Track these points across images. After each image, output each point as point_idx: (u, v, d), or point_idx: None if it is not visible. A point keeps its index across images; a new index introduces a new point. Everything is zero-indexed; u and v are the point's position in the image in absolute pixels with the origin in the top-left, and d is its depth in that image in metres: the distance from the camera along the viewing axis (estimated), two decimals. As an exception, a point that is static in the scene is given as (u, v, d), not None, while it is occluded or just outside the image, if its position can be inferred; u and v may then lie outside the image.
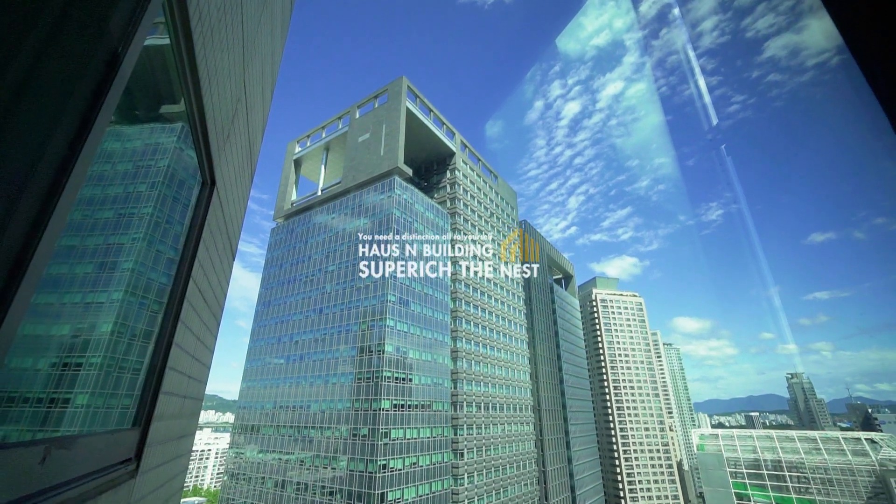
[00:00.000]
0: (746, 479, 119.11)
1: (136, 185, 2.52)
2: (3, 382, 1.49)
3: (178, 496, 4.27)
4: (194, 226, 3.24)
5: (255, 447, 57.96)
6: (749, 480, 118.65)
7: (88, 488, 1.90)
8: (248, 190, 5.49)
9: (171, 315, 3.00)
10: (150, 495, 3.05)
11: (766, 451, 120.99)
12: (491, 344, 69.45)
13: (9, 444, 1.42)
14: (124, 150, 2.31)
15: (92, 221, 2.18)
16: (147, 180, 2.64)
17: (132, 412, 2.68)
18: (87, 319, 2.35)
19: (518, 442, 68.48)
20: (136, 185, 2.52)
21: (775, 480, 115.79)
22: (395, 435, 47.09)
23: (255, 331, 68.30)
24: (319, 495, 47.54)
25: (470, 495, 54.00)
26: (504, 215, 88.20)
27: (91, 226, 2.18)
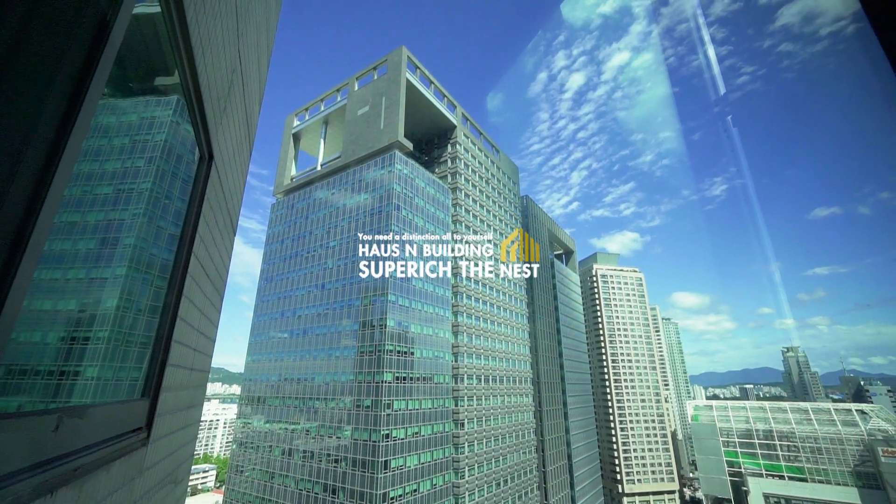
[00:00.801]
0: (738, 447, 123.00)
1: (133, 159, 2.50)
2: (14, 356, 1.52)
3: (189, 463, 4.43)
4: (194, 201, 3.23)
5: (262, 417, 59.74)
6: (740, 449, 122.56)
7: (103, 455, 1.97)
8: (247, 164, 5.43)
9: (175, 290, 3.03)
10: (162, 462, 3.17)
11: (758, 421, 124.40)
12: (491, 318, 70.32)
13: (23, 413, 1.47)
14: (120, 125, 2.28)
15: (91, 197, 2.17)
16: (144, 155, 2.62)
17: (140, 384, 2.74)
18: (91, 295, 2.38)
19: (517, 413, 70.41)
20: (133, 160, 2.50)
21: (766, 449, 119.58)
22: (398, 406, 48.41)
23: (259, 306, 69.14)
24: (325, 462, 49.36)
25: (470, 463, 56.00)
26: (506, 190, 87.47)
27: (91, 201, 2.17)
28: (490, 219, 77.97)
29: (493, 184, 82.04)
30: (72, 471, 1.64)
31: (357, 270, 56.52)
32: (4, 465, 1.22)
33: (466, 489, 54.00)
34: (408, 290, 54.59)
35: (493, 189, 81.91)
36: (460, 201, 69.81)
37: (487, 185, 79.69)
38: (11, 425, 1.27)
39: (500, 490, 60.70)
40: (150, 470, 2.86)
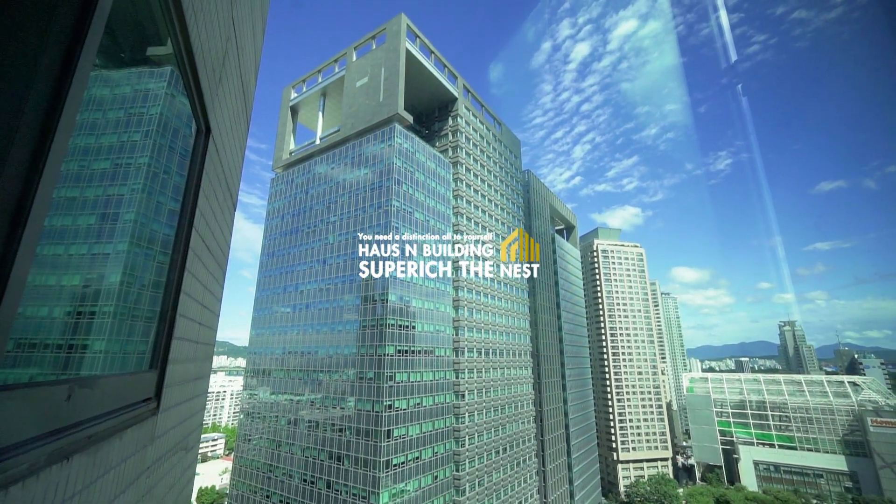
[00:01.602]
0: (731, 417, 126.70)
1: (129, 133, 2.47)
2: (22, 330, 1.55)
3: (198, 431, 4.59)
4: (193, 175, 3.20)
5: (268, 389, 61.31)
6: (733, 419, 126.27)
7: (115, 423, 2.04)
8: (244, 137, 5.36)
9: (178, 265, 3.05)
10: (172, 430, 3.28)
11: (751, 393, 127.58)
12: (491, 293, 70.92)
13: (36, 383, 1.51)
14: (114, 97, 2.24)
15: (89, 172, 2.16)
16: (140, 129, 2.58)
17: (148, 356, 2.81)
18: (95, 270, 2.40)
19: (517, 385, 72.09)
20: (129, 134, 2.47)
21: (758, 419, 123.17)
22: (400, 378, 49.56)
23: (261, 281, 69.69)
24: (330, 431, 51.01)
25: (470, 432, 57.83)
26: (508, 165, 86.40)
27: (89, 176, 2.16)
28: (491, 194, 77.37)
29: (494, 158, 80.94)
30: (86, 438, 1.71)
31: (358, 244, 56.62)
32: (20, 433, 1.28)
33: (466, 457, 55.98)
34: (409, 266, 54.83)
35: (495, 163, 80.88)
36: (461, 176, 69.07)
37: (489, 160, 78.65)
38: (25, 394, 1.31)
39: (499, 458, 62.93)
40: (161, 438, 2.97)
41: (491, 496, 59.43)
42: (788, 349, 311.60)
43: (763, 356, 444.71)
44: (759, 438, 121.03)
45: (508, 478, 64.42)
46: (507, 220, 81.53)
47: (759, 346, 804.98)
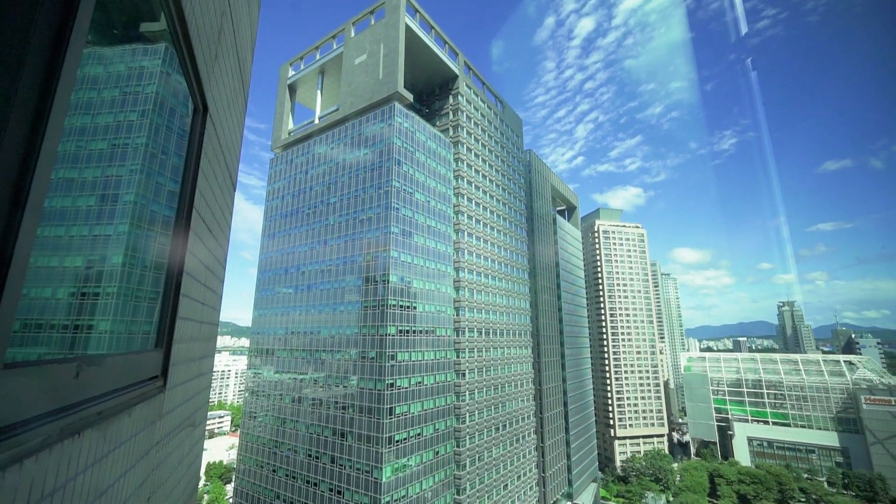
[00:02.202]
0: (727, 395, 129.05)
1: (125, 113, 2.45)
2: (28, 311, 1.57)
3: (205, 408, 4.69)
4: (191, 155, 3.18)
5: (271, 368, 62.36)
6: (729, 397, 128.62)
7: (123, 400, 2.09)
8: (242, 116, 5.29)
9: (179, 246, 3.06)
10: (180, 407, 3.36)
11: (748, 371, 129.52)
12: (492, 274, 71.19)
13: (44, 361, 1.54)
14: (108, 76, 2.21)
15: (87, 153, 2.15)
16: (137, 108, 2.55)
17: (153, 336, 2.85)
18: (97, 251, 2.41)
19: (516, 364, 73.17)
20: (126, 114, 2.45)
21: (753, 397, 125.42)
22: (402, 357, 50.30)
23: (263, 262, 69.93)
24: (333, 409, 52.14)
25: (471, 409, 59.05)
26: (509, 144, 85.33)
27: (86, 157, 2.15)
28: (493, 174, 76.68)
29: (496, 138, 79.85)
30: (95, 414, 1.75)
31: (358, 226, 56.55)
32: (31, 409, 1.31)
33: (467, 433, 57.34)
34: (410, 247, 54.89)
35: (497, 143, 79.85)
36: (462, 156, 68.31)
37: (490, 140, 77.62)
38: (34, 371, 1.34)
39: (498, 434, 64.45)
40: (169, 414, 3.04)
41: (491, 470, 61.17)
42: (786, 329, 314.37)
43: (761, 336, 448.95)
44: (753, 416, 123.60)
45: (508, 453, 66.13)
46: (508, 201, 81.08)
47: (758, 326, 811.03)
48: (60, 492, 1.47)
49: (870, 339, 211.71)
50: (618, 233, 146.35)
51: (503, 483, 63.78)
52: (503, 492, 63.47)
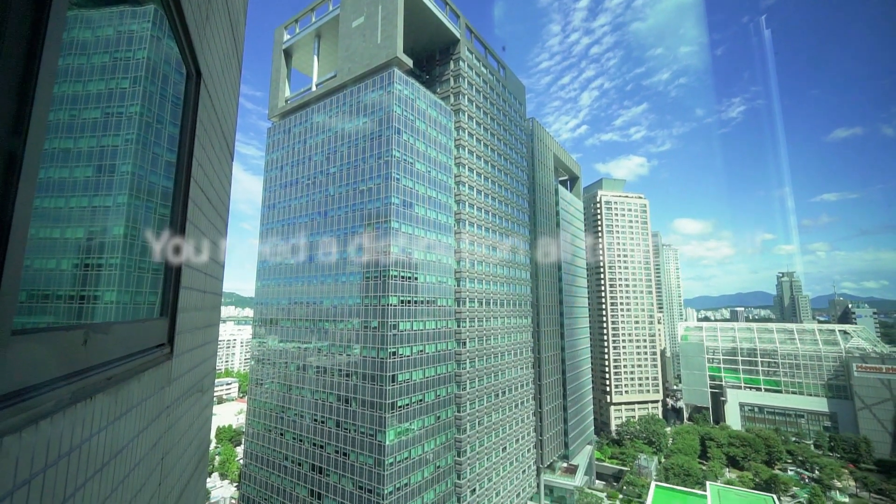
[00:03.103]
0: (721, 364, 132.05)
1: (117, 80, 2.39)
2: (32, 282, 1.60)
3: (212, 375, 4.84)
4: (186, 123, 3.12)
5: (276, 337, 63.65)
6: (723, 365, 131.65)
7: (132, 366, 2.16)
8: (237, 81, 5.15)
9: (179, 216, 3.06)
10: (188, 374, 3.46)
11: (744, 340, 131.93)
12: (493, 245, 71.29)
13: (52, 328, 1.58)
14: (97, 40, 2.14)
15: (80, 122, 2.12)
16: (128, 75, 2.49)
17: (158, 305, 2.90)
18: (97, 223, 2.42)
19: (516, 333, 74.53)
20: (117, 81, 2.39)
21: (747, 365, 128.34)
22: (403, 327, 51.22)
23: (264, 233, 69.97)
24: (337, 376, 53.63)
25: (471, 377, 60.68)
26: (511, 112, 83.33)
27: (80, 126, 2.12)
28: (494, 143, 75.33)
29: (498, 105, 77.87)
30: (105, 379, 1.81)
31: (358, 197, 56.18)
32: (43, 373, 1.36)
33: (467, 399, 59.18)
34: (410, 218, 54.72)
35: (499, 111, 77.96)
36: (463, 125, 66.88)
37: (492, 107, 75.71)
38: (42, 338, 1.38)
39: (498, 400, 66.51)
40: (178, 380, 3.14)
41: (490, 434, 63.56)
42: (784, 299, 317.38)
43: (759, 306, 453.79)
44: (746, 383, 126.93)
45: (506, 418, 68.49)
46: (510, 171, 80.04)
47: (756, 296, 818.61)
48: (77, 451, 1.54)
49: (866, 310, 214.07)
50: (620, 203, 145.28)
51: (502, 446, 66.41)
52: (502, 454, 66.19)
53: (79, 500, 1.57)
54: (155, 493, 2.71)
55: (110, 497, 1.91)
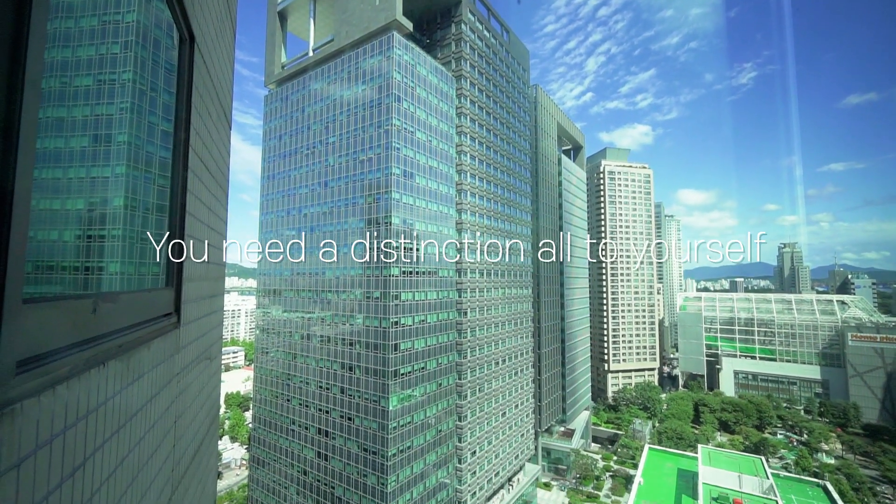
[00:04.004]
0: (718, 333, 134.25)
1: (107, 45, 2.32)
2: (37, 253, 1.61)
3: (219, 343, 4.96)
4: (182, 90, 3.05)
5: (280, 308, 64.61)
6: (720, 334, 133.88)
7: (141, 335, 2.21)
8: (232, 46, 4.99)
9: (179, 186, 3.04)
10: (195, 342, 3.54)
11: (742, 310, 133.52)
12: (495, 216, 70.99)
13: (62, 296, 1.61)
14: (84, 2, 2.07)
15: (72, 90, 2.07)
16: (119, 40, 2.41)
17: (163, 275, 2.93)
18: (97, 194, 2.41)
19: (516, 303, 75.45)
20: (108, 46, 2.32)
21: (744, 334, 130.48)
22: (405, 297, 51.85)
23: (264, 204, 69.64)
24: (341, 345, 54.82)
25: (472, 345, 61.95)
26: (515, 79, 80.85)
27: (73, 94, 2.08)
28: (497, 111, 73.54)
29: (501, 71, 75.44)
30: (116, 347, 1.86)
31: (359, 167, 55.52)
32: (55, 340, 1.40)
33: (468, 367, 60.68)
34: (411, 188, 54.25)
35: (502, 77, 75.60)
36: (465, 92, 65.07)
37: (495, 73, 73.36)
38: (52, 307, 1.41)
39: (498, 368, 68.20)
40: (186, 348, 3.22)
41: (490, 400, 65.59)
42: (784, 270, 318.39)
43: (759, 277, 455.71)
44: (742, 351, 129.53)
45: (506, 385, 70.45)
46: (512, 140, 78.58)
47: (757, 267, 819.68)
48: (94, 414, 1.61)
49: (865, 280, 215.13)
50: (623, 174, 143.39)
51: (501, 411, 68.67)
52: (501, 419, 68.54)
53: (99, 459, 1.66)
54: (170, 454, 2.84)
55: (128, 457, 2.01)
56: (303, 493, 56.21)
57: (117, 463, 1.88)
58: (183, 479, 3.27)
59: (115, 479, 1.86)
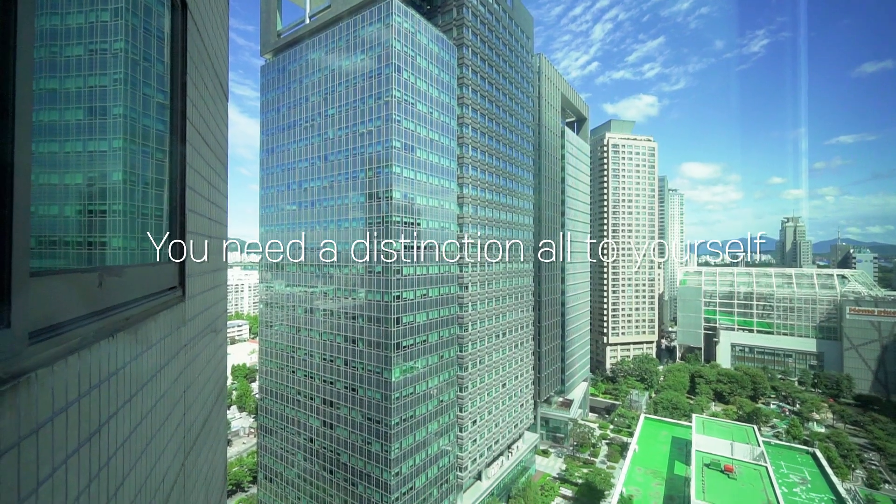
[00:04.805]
0: (717, 307, 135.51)
1: (97, 12, 2.25)
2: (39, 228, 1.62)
3: (224, 316, 5.04)
4: (176, 60, 2.98)
5: (283, 282, 65.17)
6: (719, 308, 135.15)
7: (148, 307, 2.25)
8: (225, 13, 4.83)
9: (178, 159, 3.02)
10: (201, 314, 3.61)
11: (741, 285, 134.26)
12: (497, 190, 70.41)
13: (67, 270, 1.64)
14: (68, -35, 1.99)
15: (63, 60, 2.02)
16: (108, 7, 2.34)
17: (166, 250, 2.95)
18: (95, 168, 2.40)
19: (518, 277, 75.91)
20: (97, 14, 2.25)
21: (743, 308, 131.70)
22: (407, 272, 52.17)
23: (264, 178, 69.06)
24: (344, 319, 55.62)
25: (473, 319, 62.80)
26: (518, 47, 78.30)
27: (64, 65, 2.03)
28: (500, 81, 71.64)
29: (504, 39, 72.97)
30: (124, 319, 1.90)
31: (359, 140, 54.68)
32: (64, 312, 1.44)
33: (469, 339, 61.71)
34: (412, 162, 53.59)
35: (505, 46, 73.20)
36: (467, 61, 63.19)
37: (498, 42, 70.98)
38: (59, 280, 1.43)
39: (499, 340, 69.37)
40: (192, 321, 3.28)
41: (490, 372, 67.07)
42: (786, 244, 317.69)
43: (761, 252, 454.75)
44: (740, 325, 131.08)
45: (507, 357, 71.86)
46: (515, 112, 76.92)
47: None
48: (107, 383, 1.66)
49: (867, 254, 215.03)
50: (628, 146, 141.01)
51: (502, 382, 70.33)
52: (501, 389, 70.29)
53: (114, 425, 1.73)
54: (181, 421, 2.95)
55: (142, 423, 2.09)
56: (310, 460, 58.44)
57: (131, 429, 1.95)
58: (195, 446, 3.40)
59: (130, 444, 1.94)
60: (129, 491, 1.92)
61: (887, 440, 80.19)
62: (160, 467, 2.44)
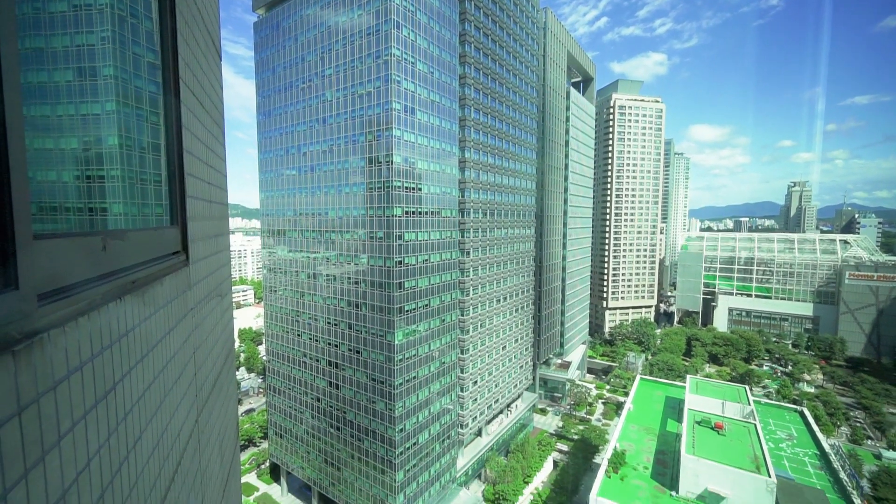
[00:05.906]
0: (717, 272, 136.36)
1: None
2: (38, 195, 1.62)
3: (228, 281, 5.11)
4: (165, 17, 2.85)
5: (285, 248, 65.47)
6: (719, 273, 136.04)
7: (153, 271, 2.29)
8: (213, -32, 4.57)
9: (174, 122, 2.96)
10: (206, 279, 3.66)
11: (743, 250, 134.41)
12: (499, 154, 69.13)
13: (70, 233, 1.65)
14: None
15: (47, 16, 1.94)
16: (88, -44, 2.22)
17: (167, 215, 2.96)
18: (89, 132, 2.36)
19: (519, 243, 76.02)
20: (77, -37, 2.14)
21: (742, 273, 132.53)
22: (408, 237, 52.22)
23: (262, 142, 67.77)
24: (347, 284, 56.33)
25: (474, 283, 63.51)
26: (523, 1, 74.33)
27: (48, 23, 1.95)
28: (503, 38, 68.56)
29: (508, -8, 69.09)
30: (130, 282, 1.94)
31: (358, 102, 53.16)
32: (71, 275, 1.46)
33: (470, 304, 62.72)
34: (413, 125, 52.31)
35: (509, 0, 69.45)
36: (469, 16, 60.22)
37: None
38: (63, 243, 1.45)
39: (499, 305, 70.48)
40: (197, 285, 3.34)
41: (491, 335, 68.62)
42: (791, 209, 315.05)
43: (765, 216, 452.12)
44: (739, 289, 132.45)
45: (507, 321, 73.27)
46: (519, 72, 74.14)
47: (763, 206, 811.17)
48: (118, 344, 1.72)
49: (872, 219, 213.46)
50: (634, 108, 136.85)
51: (502, 345, 72.12)
52: (501, 352, 72.19)
53: (128, 384, 1.80)
54: (192, 381, 3.06)
55: (155, 382, 2.18)
56: (317, 417, 61.04)
57: (145, 387, 2.04)
58: (206, 404, 3.56)
59: (145, 401, 2.03)
60: (147, 444, 2.03)
61: (873, 399, 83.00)
62: (175, 423, 2.56)
